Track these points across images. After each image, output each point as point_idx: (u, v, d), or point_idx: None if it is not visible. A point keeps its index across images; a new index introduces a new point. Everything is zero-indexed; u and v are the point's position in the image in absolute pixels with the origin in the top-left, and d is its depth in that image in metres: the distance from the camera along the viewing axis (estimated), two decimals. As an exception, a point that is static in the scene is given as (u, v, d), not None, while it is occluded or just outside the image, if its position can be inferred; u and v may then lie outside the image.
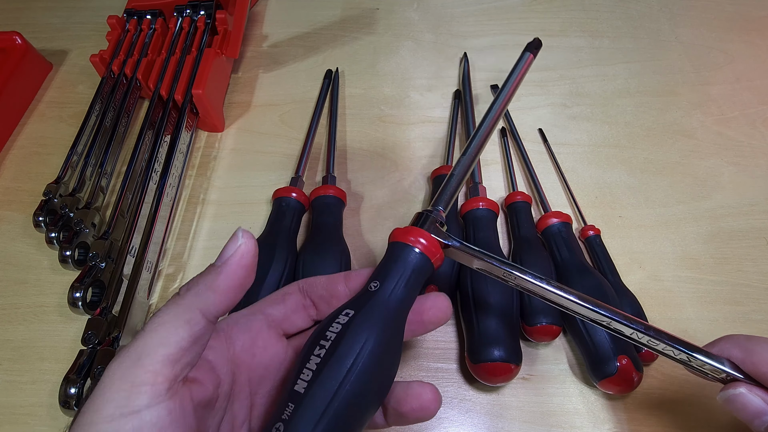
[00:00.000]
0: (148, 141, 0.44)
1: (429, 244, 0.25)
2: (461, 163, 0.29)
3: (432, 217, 0.26)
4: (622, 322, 0.24)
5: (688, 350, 0.23)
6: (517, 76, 0.33)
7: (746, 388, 0.22)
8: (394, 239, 0.25)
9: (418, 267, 0.24)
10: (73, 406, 0.30)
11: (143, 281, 0.36)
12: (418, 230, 0.25)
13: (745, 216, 0.41)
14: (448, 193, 0.28)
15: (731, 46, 0.53)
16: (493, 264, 0.26)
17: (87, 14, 0.60)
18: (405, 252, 0.25)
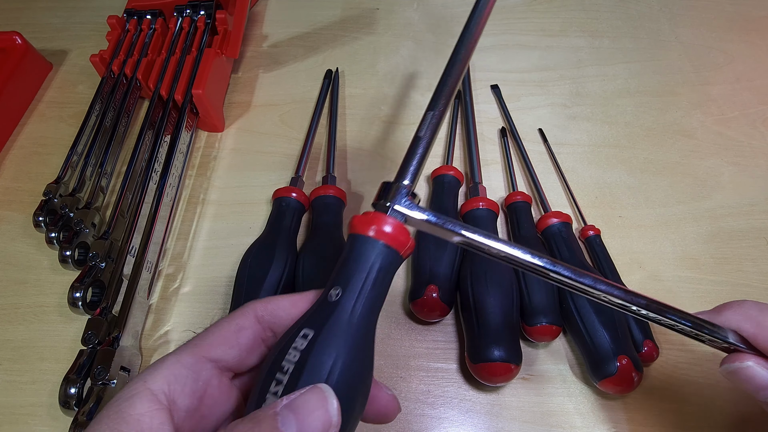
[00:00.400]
0: (148, 141, 0.44)
1: (396, 232, 0.21)
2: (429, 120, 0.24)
3: (399, 185, 0.22)
4: (625, 298, 0.22)
5: (694, 325, 0.22)
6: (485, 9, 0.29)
7: (754, 361, 0.22)
8: (354, 230, 0.21)
9: (385, 264, 0.20)
10: (73, 406, 0.30)
11: (143, 281, 0.36)
12: (381, 216, 0.21)
13: (745, 216, 0.41)
14: (415, 160, 0.23)
15: (731, 46, 0.53)
16: (472, 239, 0.22)
17: (87, 14, 0.60)
18: (368, 247, 0.20)
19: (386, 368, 0.35)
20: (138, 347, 0.35)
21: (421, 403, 0.33)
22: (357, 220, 0.21)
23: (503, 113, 0.49)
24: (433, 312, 0.34)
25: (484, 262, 0.35)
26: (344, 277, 0.20)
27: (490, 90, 0.51)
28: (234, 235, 0.41)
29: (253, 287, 0.34)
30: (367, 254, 0.20)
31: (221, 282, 0.39)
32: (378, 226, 0.21)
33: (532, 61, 0.53)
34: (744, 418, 0.32)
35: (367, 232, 0.21)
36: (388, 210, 0.21)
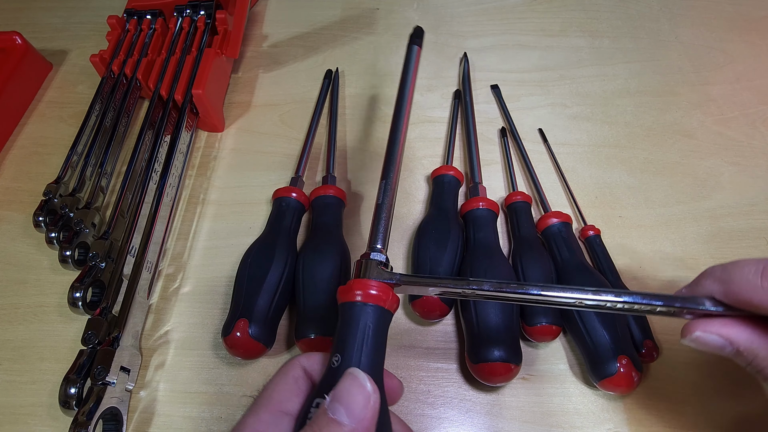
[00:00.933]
0: (148, 141, 0.44)
1: (379, 292, 0.23)
2: (384, 190, 0.27)
3: (372, 261, 0.24)
4: (600, 298, 0.23)
5: (672, 304, 0.23)
6: (412, 73, 0.31)
7: (700, 329, 0.23)
8: (342, 300, 0.23)
9: (376, 323, 0.22)
10: (73, 406, 0.30)
11: (143, 281, 0.36)
12: (363, 282, 0.23)
13: (745, 216, 0.41)
14: (382, 225, 0.26)
15: (731, 46, 0.53)
16: (448, 287, 0.25)
17: (87, 14, 0.60)
18: (356, 312, 0.22)
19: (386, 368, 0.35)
20: (138, 347, 0.35)
21: (421, 403, 0.33)
22: (342, 290, 0.24)
23: (503, 113, 0.49)
24: (433, 312, 0.34)
25: (485, 262, 0.35)
26: (341, 344, 0.22)
27: (490, 90, 0.51)
28: (234, 235, 0.41)
29: (253, 287, 0.34)
30: (357, 318, 0.22)
31: (221, 282, 0.39)
32: (362, 290, 0.23)
33: (532, 61, 0.53)
34: (744, 418, 0.32)
35: (354, 298, 0.23)
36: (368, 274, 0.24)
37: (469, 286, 0.24)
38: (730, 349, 0.23)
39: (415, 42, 0.33)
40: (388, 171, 0.28)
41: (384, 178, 0.27)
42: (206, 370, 0.35)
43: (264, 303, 0.33)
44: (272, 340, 0.34)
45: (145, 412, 0.33)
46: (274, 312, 0.34)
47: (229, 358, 0.35)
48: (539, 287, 0.24)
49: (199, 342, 0.36)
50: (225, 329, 0.33)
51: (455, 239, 0.37)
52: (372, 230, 0.26)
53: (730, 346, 0.23)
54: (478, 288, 0.24)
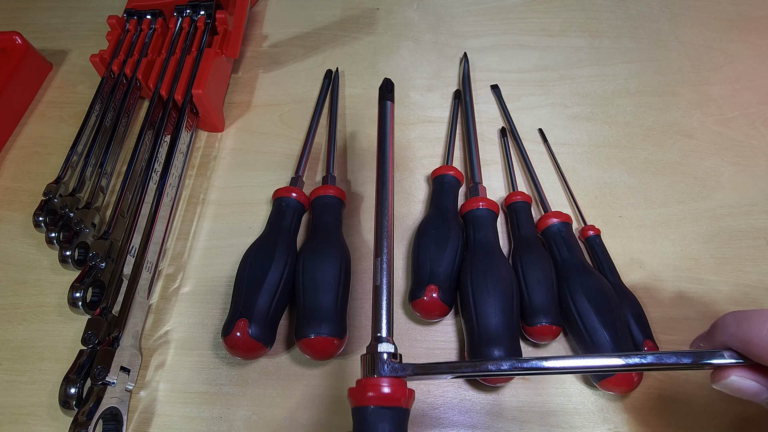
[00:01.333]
0: (148, 141, 0.44)
1: (393, 391, 0.21)
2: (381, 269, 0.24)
3: (380, 354, 0.22)
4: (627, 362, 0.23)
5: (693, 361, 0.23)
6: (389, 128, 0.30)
7: (736, 374, 0.23)
8: (355, 404, 0.21)
9: (393, 425, 0.21)
10: (73, 406, 0.30)
11: (143, 281, 0.36)
12: (374, 382, 0.21)
13: (745, 216, 0.41)
14: (383, 310, 0.24)
15: (731, 46, 0.53)
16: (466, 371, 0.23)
17: (87, 14, 0.60)
18: (373, 418, 0.21)
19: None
20: (138, 347, 0.35)
21: (421, 403, 0.33)
22: (353, 391, 0.22)
23: (503, 113, 0.49)
24: (433, 312, 0.34)
25: (485, 262, 0.35)
26: None
27: (490, 90, 0.51)
28: (234, 235, 0.41)
29: (253, 287, 0.34)
30: (374, 425, 0.21)
31: (221, 282, 0.39)
32: (375, 392, 0.21)
33: (532, 61, 0.53)
34: (744, 417, 0.32)
35: (368, 403, 0.21)
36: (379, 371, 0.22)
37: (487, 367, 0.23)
38: (765, 396, 0.23)
39: (386, 97, 0.31)
40: (381, 247, 0.24)
41: (378, 255, 0.24)
42: (206, 370, 0.35)
43: (264, 303, 0.33)
44: (272, 340, 0.34)
45: (145, 412, 0.33)
46: (274, 312, 0.34)
47: (229, 358, 0.35)
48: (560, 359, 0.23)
49: (199, 342, 0.36)
50: (225, 329, 0.33)
51: (455, 239, 0.37)
52: (374, 317, 0.23)
53: (766, 392, 0.23)
54: (496, 368, 0.23)
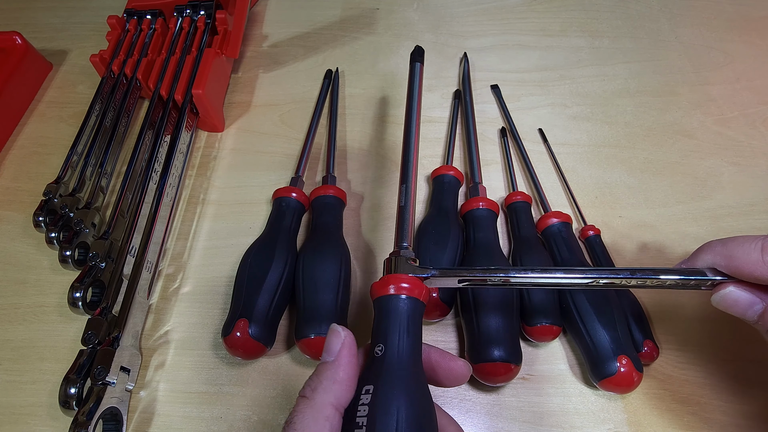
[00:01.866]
0: (148, 141, 0.44)
1: (412, 285, 0.25)
2: (405, 192, 0.29)
3: (402, 257, 0.26)
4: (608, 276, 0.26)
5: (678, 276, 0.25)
6: (417, 90, 0.34)
7: (734, 286, 0.25)
8: (377, 295, 0.25)
9: (411, 313, 0.24)
10: (73, 406, 0.30)
11: (143, 281, 0.36)
12: (396, 276, 0.25)
13: (745, 216, 0.41)
14: (407, 225, 0.28)
15: (731, 46, 0.53)
16: (476, 275, 0.27)
17: (87, 14, 0.60)
18: (393, 304, 0.24)
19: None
20: (138, 347, 0.35)
21: (421, 403, 0.33)
22: (376, 285, 0.25)
23: (503, 113, 0.49)
24: (433, 312, 0.34)
25: (485, 262, 0.35)
26: (383, 334, 0.24)
27: (490, 90, 0.51)
28: (234, 235, 0.41)
29: (253, 287, 0.34)
30: (394, 310, 0.24)
31: (221, 282, 0.39)
32: (396, 284, 0.25)
33: (532, 61, 0.53)
34: (744, 417, 0.32)
35: (389, 292, 0.25)
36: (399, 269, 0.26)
37: (493, 274, 0.26)
38: (758, 308, 0.24)
39: (417, 60, 0.36)
40: (407, 175, 0.30)
41: (404, 182, 0.30)
42: (206, 370, 0.35)
43: (264, 303, 0.33)
44: (272, 340, 0.34)
45: (145, 412, 0.33)
46: (274, 312, 0.34)
47: (229, 358, 0.35)
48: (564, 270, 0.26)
49: (199, 342, 0.36)
50: (225, 329, 0.33)
51: (455, 239, 0.37)
52: (398, 230, 0.28)
53: (760, 303, 0.24)
54: (504, 275, 0.26)
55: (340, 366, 0.23)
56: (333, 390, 0.22)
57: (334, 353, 0.23)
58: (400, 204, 0.29)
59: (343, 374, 0.23)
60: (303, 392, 0.23)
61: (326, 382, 0.22)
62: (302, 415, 0.22)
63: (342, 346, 0.23)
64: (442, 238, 0.36)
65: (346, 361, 0.23)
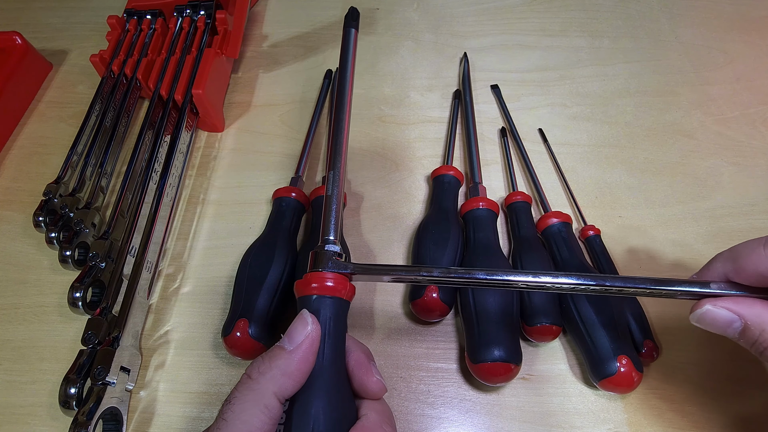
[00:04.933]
0: (148, 141, 0.44)
1: (335, 284, 0.24)
2: (332, 180, 0.27)
3: (326, 252, 0.25)
4: (614, 285, 0.24)
5: (676, 288, 0.24)
6: (351, 58, 0.31)
7: (710, 304, 0.24)
8: (301, 294, 0.24)
9: (334, 313, 0.24)
10: (73, 406, 0.30)
11: (143, 281, 0.36)
12: (318, 274, 0.24)
13: (745, 216, 0.41)
14: (333, 217, 0.26)
15: (731, 46, 0.53)
16: (401, 274, 0.26)
17: (87, 14, 0.60)
18: (314, 305, 0.24)
19: (386, 368, 0.35)
20: (138, 347, 0.35)
21: (421, 403, 0.33)
22: (299, 283, 0.24)
23: (503, 113, 0.49)
24: (433, 312, 0.34)
25: (485, 262, 0.35)
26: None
27: (490, 90, 0.51)
28: (234, 235, 0.41)
29: (253, 287, 0.34)
30: (316, 311, 0.23)
31: (221, 282, 0.39)
32: (318, 283, 0.24)
33: (532, 61, 0.53)
34: (744, 417, 0.32)
35: (312, 292, 0.24)
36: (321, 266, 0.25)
37: (419, 273, 0.25)
38: (737, 325, 0.23)
39: (350, 25, 0.32)
40: (336, 162, 0.28)
41: (331, 168, 0.27)
42: (206, 370, 0.35)
43: (264, 303, 0.33)
44: (272, 340, 0.34)
45: (145, 412, 0.33)
46: (274, 312, 0.34)
47: (229, 358, 0.35)
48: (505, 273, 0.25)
49: (199, 342, 0.36)
50: (225, 329, 0.33)
51: (455, 239, 0.37)
52: (324, 222, 0.26)
53: (738, 321, 0.23)
54: (428, 275, 0.25)
55: (296, 359, 0.22)
56: (280, 381, 0.22)
57: (295, 342, 0.22)
58: (327, 193, 0.27)
59: (295, 368, 0.22)
60: (249, 371, 0.22)
61: (276, 371, 0.22)
62: (242, 397, 0.21)
63: (305, 339, 0.22)
64: (442, 238, 0.36)
65: (303, 356, 0.22)
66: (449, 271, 0.25)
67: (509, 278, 0.25)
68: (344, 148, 0.28)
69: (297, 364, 0.22)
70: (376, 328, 0.36)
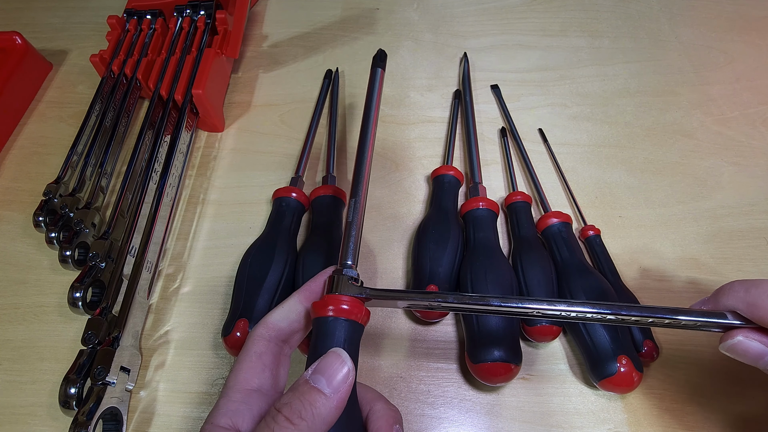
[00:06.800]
0: (148, 141, 0.44)
1: (351, 307, 0.24)
2: (354, 208, 0.28)
3: (344, 276, 0.25)
4: (621, 314, 0.24)
5: (695, 318, 0.24)
6: (377, 95, 0.33)
7: (743, 335, 0.23)
8: (316, 315, 0.24)
9: (349, 336, 0.24)
10: (73, 406, 0.30)
11: (143, 281, 0.36)
12: (335, 297, 0.24)
13: (745, 216, 0.41)
14: (352, 242, 0.27)
15: (731, 46, 0.53)
16: (416, 300, 0.26)
17: (87, 14, 0.60)
18: (331, 326, 0.24)
19: (386, 368, 0.35)
20: (138, 347, 0.35)
21: (421, 403, 0.33)
22: (316, 305, 0.25)
23: (503, 113, 0.49)
24: (433, 312, 0.34)
25: (485, 262, 0.35)
26: (317, 357, 0.23)
27: (490, 90, 0.51)
28: (234, 235, 0.41)
29: (253, 287, 0.34)
30: (331, 332, 0.24)
31: (221, 282, 0.39)
32: (335, 306, 0.24)
33: (532, 61, 0.53)
34: (744, 417, 0.32)
35: (328, 314, 0.24)
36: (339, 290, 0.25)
37: (435, 300, 0.25)
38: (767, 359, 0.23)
39: (378, 65, 0.34)
40: (357, 190, 0.29)
41: (353, 196, 0.28)
42: (206, 370, 0.35)
43: (264, 303, 0.33)
44: (272, 340, 0.34)
45: (145, 412, 0.33)
46: (274, 312, 0.34)
47: (229, 358, 0.35)
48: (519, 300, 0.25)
49: (199, 342, 0.36)
50: (225, 329, 0.33)
51: (455, 239, 0.37)
52: (343, 247, 0.27)
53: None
54: (443, 301, 0.25)
55: (336, 408, 0.20)
56: (319, 428, 0.20)
57: (335, 388, 0.21)
58: (348, 219, 0.28)
59: (334, 416, 0.20)
60: (289, 413, 0.20)
61: (318, 419, 0.20)
62: None
63: (346, 384, 0.21)
64: (442, 238, 0.36)
65: (342, 401, 0.21)
66: (463, 297, 0.25)
67: (524, 306, 0.25)
68: (366, 178, 0.29)
69: (336, 412, 0.21)
70: (376, 328, 0.36)
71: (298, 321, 0.26)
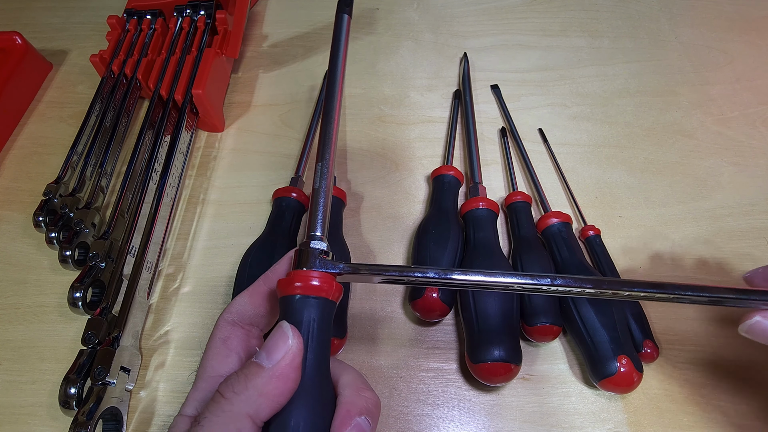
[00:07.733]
0: (148, 141, 0.44)
1: (322, 283, 0.22)
2: (321, 174, 0.25)
3: (311, 249, 0.23)
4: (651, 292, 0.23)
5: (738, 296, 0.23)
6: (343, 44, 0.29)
7: (760, 315, 0.23)
8: (283, 293, 0.22)
9: (318, 314, 0.22)
10: (73, 406, 0.30)
11: (143, 281, 0.36)
12: (303, 273, 0.22)
13: (745, 216, 0.41)
14: (321, 211, 0.24)
15: (731, 46, 0.53)
16: (392, 274, 0.24)
17: (87, 14, 0.60)
18: (300, 306, 0.22)
19: (386, 368, 0.35)
20: (138, 347, 0.35)
21: (421, 403, 0.33)
22: (282, 282, 0.23)
23: (503, 113, 0.49)
24: (433, 312, 0.34)
25: (485, 262, 0.35)
26: None
27: (490, 90, 0.51)
28: (234, 235, 0.41)
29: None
30: (300, 312, 0.22)
31: (221, 282, 0.39)
32: (302, 282, 0.22)
33: (532, 61, 0.53)
34: (744, 417, 0.32)
35: (296, 291, 0.22)
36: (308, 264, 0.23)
37: (413, 274, 0.23)
38: None
39: (344, 11, 0.31)
40: (324, 153, 0.26)
41: (320, 160, 0.25)
42: (206, 370, 0.35)
43: (264, 303, 0.33)
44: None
45: (145, 412, 0.33)
46: (274, 312, 0.34)
47: (229, 358, 0.35)
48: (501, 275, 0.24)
49: (199, 342, 0.36)
50: (225, 329, 0.33)
51: (455, 239, 0.37)
52: (310, 216, 0.24)
53: None
54: (422, 275, 0.23)
55: (275, 378, 0.20)
56: (257, 403, 0.20)
57: (274, 359, 0.20)
58: (314, 186, 0.25)
59: (273, 388, 0.20)
60: (223, 389, 0.20)
61: (252, 392, 0.20)
62: (213, 418, 0.19)
63: (285, 355, 0.20)
64: (442, 238, 0.36)
65: (282, 375, 0.20)
66: (444, 272, 0.24)
67: (506, 280, 0.23)
68: (334, 139, 0.26)
69: (275, 384, 0.20)
70: (376, 329, 0.36)
71: (261, 304, 0.25)
